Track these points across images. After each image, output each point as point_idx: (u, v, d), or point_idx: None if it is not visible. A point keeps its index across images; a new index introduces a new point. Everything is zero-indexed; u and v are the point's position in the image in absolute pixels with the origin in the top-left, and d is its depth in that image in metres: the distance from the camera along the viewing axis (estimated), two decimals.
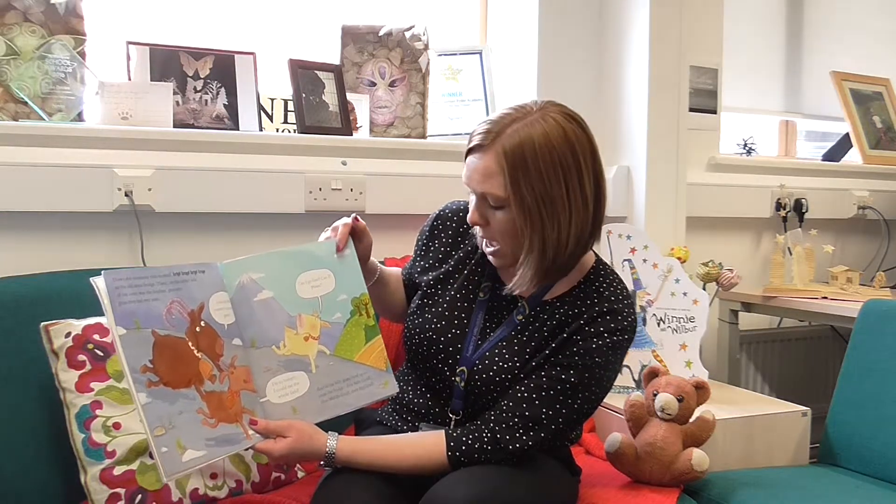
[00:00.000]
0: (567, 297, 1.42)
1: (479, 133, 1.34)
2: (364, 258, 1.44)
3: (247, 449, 1.28)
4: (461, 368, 1.42)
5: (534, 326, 1.41)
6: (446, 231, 1.54)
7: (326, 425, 1.34)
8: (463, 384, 1.41)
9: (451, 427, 1.41)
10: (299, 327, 1.34)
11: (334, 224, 1.43)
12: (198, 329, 1.24)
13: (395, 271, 1.61)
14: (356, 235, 1.42)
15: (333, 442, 1.31)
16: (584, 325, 1.37)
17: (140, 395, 1.15)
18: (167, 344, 1.20)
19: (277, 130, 2.13)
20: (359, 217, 1.44)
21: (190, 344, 1.23)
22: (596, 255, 1.48)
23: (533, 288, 1.39)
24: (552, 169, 1.30)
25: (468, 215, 1.40)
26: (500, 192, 1.31)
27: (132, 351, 1.16)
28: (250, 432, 1.26)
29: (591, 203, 1.35)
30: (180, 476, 1.26)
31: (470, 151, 1.36)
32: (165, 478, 1.14)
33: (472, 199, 1.39)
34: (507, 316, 1.44)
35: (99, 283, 1.17)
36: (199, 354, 1.23)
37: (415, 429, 1.46)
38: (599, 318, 1.37)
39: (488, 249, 1.42)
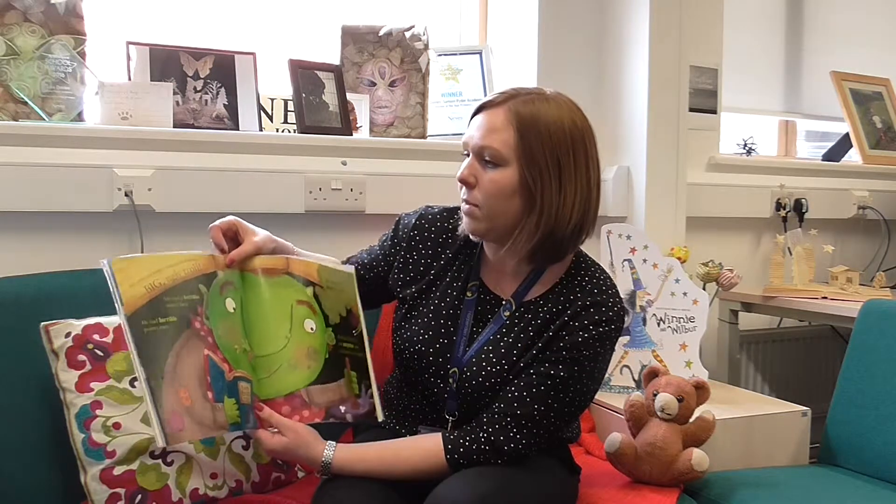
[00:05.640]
0: (550, 294, 1.42)
1: (491, 96, 1.39)
2: (268, 250, 1.40)
3: (245, 431, 1.34)
4: (453, 369, 1.42)
5: (519, 327, 1.41)
6: (425, 242, 1.51)
7: (327, 432, 1.35)
8: (456, 385, 1.41)
9: (449, 429, 1.41)
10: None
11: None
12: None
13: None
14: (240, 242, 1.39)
15: (330, 452, 1.32)
16: (568, 320, 1.37)
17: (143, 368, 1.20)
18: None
19: (277, 130, 2.13)
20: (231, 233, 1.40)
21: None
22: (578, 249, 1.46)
23: (525, 260, 1.39)
24: (563, 138, 1.33)
25: (458, 173, 1.38)
26: (500, 147, 1.33)
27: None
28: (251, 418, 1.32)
29: (593, 187, 1.37)
30: (177, 446, 1.35)
31: (478, 111, 1.39)
32: (161, 443, 1.19)
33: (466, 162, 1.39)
34: (495, 313, 1.44)
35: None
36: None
37: (413, 432, 1.46)
38: (583, 311, 1.37)
39: (465, 208, 1.39)
